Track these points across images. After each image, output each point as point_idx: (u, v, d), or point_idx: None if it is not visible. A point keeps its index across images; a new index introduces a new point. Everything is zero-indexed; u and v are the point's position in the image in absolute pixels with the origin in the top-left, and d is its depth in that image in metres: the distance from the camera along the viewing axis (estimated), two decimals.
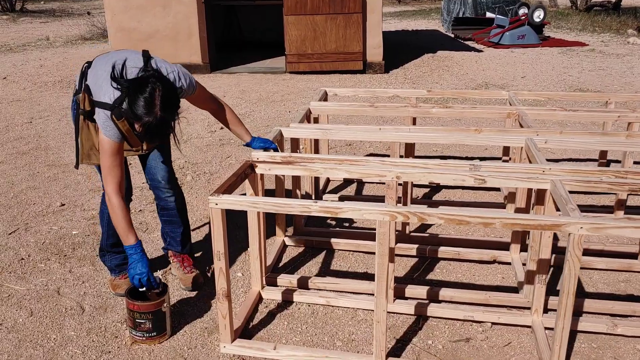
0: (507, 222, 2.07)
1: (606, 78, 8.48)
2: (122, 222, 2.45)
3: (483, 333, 2.67)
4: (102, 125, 2.39)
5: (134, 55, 2.50)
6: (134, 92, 2.22)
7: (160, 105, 2.22)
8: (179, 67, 2.55)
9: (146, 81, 2.24)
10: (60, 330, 2.66)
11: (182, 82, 2.52)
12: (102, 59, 2.55)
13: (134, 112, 2.23)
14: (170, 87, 2.30)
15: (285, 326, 2.71)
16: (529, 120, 3.33)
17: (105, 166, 2.44)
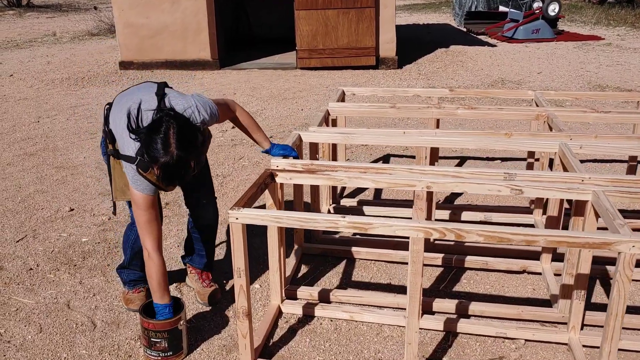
0: (552, 239, 1.92)
1: (625, 73, 8.27)
2: (159, 281, 2.37)
3: (517, 351, 2.52)
4: (132, 180, 2.28)
5: (148, 95, 2.36)
6: (149, 136, 2.10)
7: (176, 144, 2.07)
8: (196, 100, 2.37)
9: (160, 122, 2.10)
10: (71, 348, 2.52)
11: (203, 115, 2.35)
12: (120, 102, 2.43)
13: (150, 155, 2.10)
14: (186, 123, 2.15)
15: (307, 343, 2.57)
16: (560, 123, 3.16)
17: (141, 221, 2.32)
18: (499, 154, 4.97)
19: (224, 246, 3.44)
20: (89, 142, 5.49)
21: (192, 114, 2.30)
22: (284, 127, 5.88)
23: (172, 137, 2.06)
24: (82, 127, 5.97)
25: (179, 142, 2.07)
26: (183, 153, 2.08)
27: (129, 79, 8.38)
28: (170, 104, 2.30)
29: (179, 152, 2.07)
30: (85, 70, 9.10)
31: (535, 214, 3.60)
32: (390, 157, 5.00)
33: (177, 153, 2.07)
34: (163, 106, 2.27)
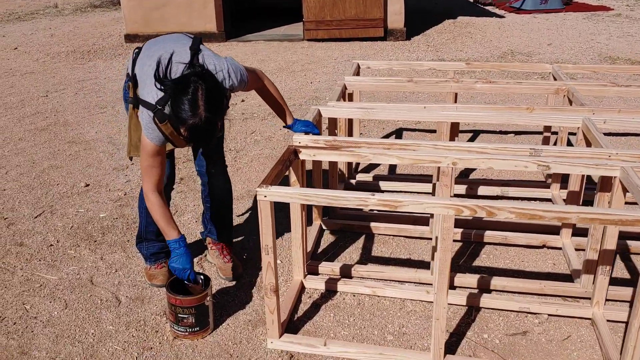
0: (585, 217, 1.91)
1: (636, 45, 8.18)
2: (162, 218, 2.37)
3: (540, 326, 2.54)
4: (145, 126, 2.25)
5: (182, 47, 2.31)
6: (176, 94, 2.06)
7: (204, 106, 2.03)
8: (229, 63, 2.34)
9: (187, 81, 2.06)
10: (97, 324, 2.54)
11: (233, 81, 2.32)
12: (151, 48, 2.38)
13: (177, 116, 2.06)
14: (215, 85, 2.12)
15: (331, 318, 2.59)
16: (582, 97, 3.13)
17: (144, 165, 2.33)
18: (511, 127, 4.94)
19: (244, 222, 3.45)
20: (99, 116, 5.46)
21: (223, 77, 2.28)
22: (293, 100, 5.83)
23: (200, 98, 2.03)
24: (92, 102, 5.93)
25: (207, 104, 2.03)
26: (211, 115, 2.05)
27: None
28: (204, 62, 2.25)
29: (207, 114, 2.04)
30: (90, 43, 9.01)
31: (552, 188, 3.59)
32: (403, 131, 4.98)
33: (206, 115, 2.03)
34: (196, 62, 2.22)
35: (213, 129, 2.10)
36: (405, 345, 2.42)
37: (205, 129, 2.07)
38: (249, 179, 4.03)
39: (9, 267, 2.99)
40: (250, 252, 3.11)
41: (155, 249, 2.81)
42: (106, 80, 6.81)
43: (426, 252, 3.11)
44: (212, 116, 2.06)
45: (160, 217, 2.36)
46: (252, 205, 3.65)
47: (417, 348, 2.41)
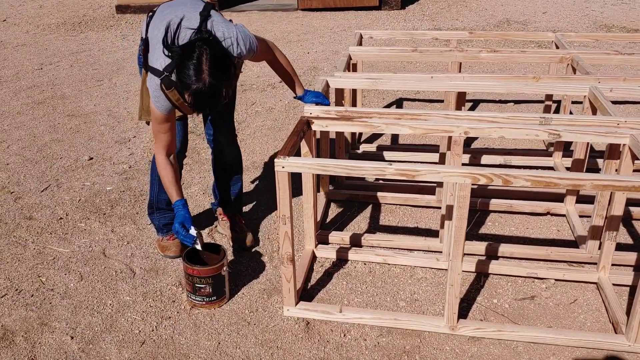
0: (599, 184, 1.96)
1: (630, 12, 8.18)
2: (165, 179, 2.42)
3: (547, 290, 2.61)
4: (152, 94, 2.27)
5: (192, 12, 2.29)
6: (182, 59, 2.05)
7: (208, 71, 2.02)
8: (238, 30, 2.31)
9: (192, 46, 2.04)
10: (115, 295, 2.58)
11: (241, 49, 2.30)
12: (163, 12, 2.37)
13: (181, 81, 2.06)
14: (221, 51, 2.09)
15: (344, 286, 2.64)
16: (587, 66, 3.16)
17: (153, 130, 2.38)
18: (511, 96, 4.96)
19: (251, 194, 3.47)
20: (96, 89, 5.41)
21: (231, 44, 2.26)
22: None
23: (204, 63, 2.01)
24: (88, 74, 5.87)
25: (211, 69, 2.02)
26: (215, 81, 2.03)
27: (127, 23, 8.19)
28: (212, 28, 2.24)
29: (212, 80, 2.02)
30: (80, 14, 8.86)
31: (555, 156, 3.64)
32: (403, 101, 4.99)
33: (210, 81, 2.02)
34: (204, 28, 2.21)
35: (218, 95, 2.08)
36: (418, 311, 2.49)
37: (209, 95, 2.05)
38: (252, 150, 4.05)
39: (20, 241, 3.01)
40: (259, 222, 3.14)
41: (167, 220, 2.83)
42: (100, 52, 6.73)
43: (432, 220, 3.16)
44: (217, 82, 2.04)
45: (165, 179, 2.41)
46: (258, 176, 3.68)
47: (429, 313, 2.47)
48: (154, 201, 2.81)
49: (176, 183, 2.42)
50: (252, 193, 3.47)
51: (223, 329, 2.38)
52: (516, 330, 2.29)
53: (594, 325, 2.39)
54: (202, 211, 3.26)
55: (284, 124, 4.49)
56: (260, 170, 3.75)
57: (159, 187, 2.71)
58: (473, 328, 2.31)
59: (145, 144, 4.16)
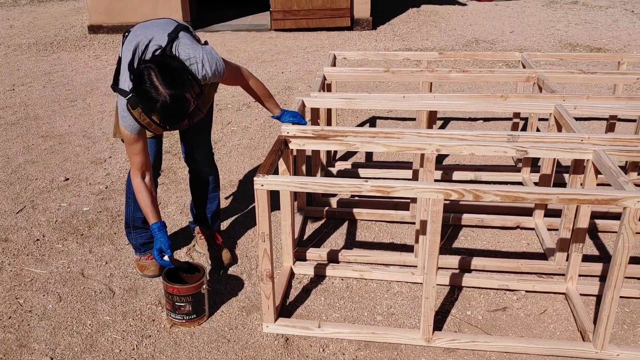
0: (565, 197, 2.06)
1: (594, 32, 8.49)
2: (142, 202, 2.46)
3: (518, 301, 2.69)
4: (120, 115, 2.32)
5: (161, 33, 2.33)
6: (135, 89, 2.08)
7: (163, 84, 2.02)
8: (205, 53, 2.32)
9: (140, 72, 2.05)
10: (94, 315, 2.59)
11: (206, 70, 2.31)
12: (135, 32, 2.41)
13: (145, 106, 2.08)
14: (163, 62, 2.09)
15: (322, 302, 2.69)
16: (552, 85, 3.30)
17: (127, 152, 2.43)
18: (480, 114, 5.11)
19: (229, 212, 3.51)
20: (70, 109, 5.41)
21: (194, 64, 2.27)
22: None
23: (156, 80, 2.02)
24: (61, 95, 5.86)
25: (165, 81, 2.02)
26: (174, 91, 2.03)
27: (100, 43, 8.19)
28: (177, 50, 2.27)
29: (170, 91, 2.02)
30: (52, 34, 8.83)
31: (523, 172, 3.76)
32: (376, 119, 5.10)
33: (169, 92, 2.02)
34: (169, 50, 2.25)
35: (183, 105, 2.08)
36: (394, 324, 2.55)
37: (175, 107, 2.05)
38: (229, 169, 4.09)
39: None
40: (237, 240, 3.18)
41: (144, 239, 2.86)
42: (73, 72, 6.72)
43: (407, 235, 3.23)
44: (176, 91, 2.03)
45: (141, 203, 2.44)
46: (235, 194, 3.72)
47: (405, 326, 2.53)
48: (129, 219, 2.83)
49: (152, 205, 2.44)
50: (229, 211, 3.51)
51: (203, 346, 2.40)
52: (489, 341, 2.37)
53: (563, 334, 2.48)
54: (180, 230, 3.28)
55: (260, 143, 4.54)
56: (236, 189, 3.79)
57: (134, 205, 2.74)
58: (448, 340, 2.37)
59: (122, 164, 4.17)
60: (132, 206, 2.77)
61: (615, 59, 3.97)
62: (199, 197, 2.95)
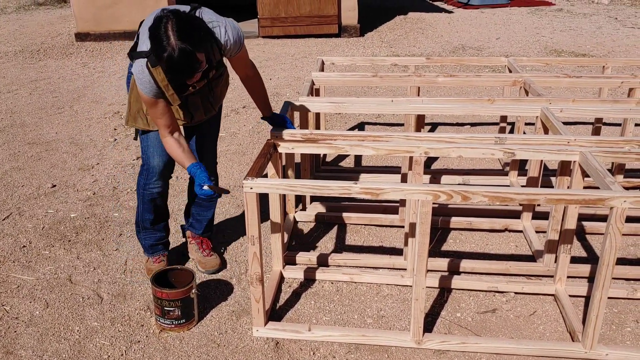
0: (553, 197, 2.07)
1: (578, 38, 8.58)
2: (175, 154, 2.42)
3: (507, 303, 2.70)
4: (138, 78, 2.26)
5: (183, 6, 2.30)
6: (152, 35, 2.06)
7: (176, 35, 1.99)
8: (228, 21, 2.33)
9: (159, 19, 2.04)
10: (82, 321, 2.56)
11: (228, 36, 2.30)
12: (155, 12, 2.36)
13: (156, 55, 2.07)
14: (189, 17, 2.09)
15: (312, 305, 2.68)
16: (538, 88, 3.33)
17: (151, 117, 2.41)
18: (468, 118, 5.14)
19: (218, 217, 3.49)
20: (57, 117, 5.37)
21: (217, 27, 2.26)
22: None
23: (170, 29, 2.00)
24: (48, 102, 5.82)
25: (179, 32, 2.00)
26: (185, 45, 2.00)
27: (87, 50, 8.16)
28: (201, 15, 2.26)
29: (180, 44, 2.00)
30: (38, 42, 8.78)
31: (510, 175, 3.79)
32: (365, 124, 5.11)
33: (179, 46, 2.00)
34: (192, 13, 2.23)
35: (190, 61, 2.04)
36: (385, 327, 2.55)
37: (180, 61, 2.02)
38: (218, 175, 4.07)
39: None
40: (227, 245, 3.17)
41: (152, 240, 2.85)
42: (60, 79, 6.68)
43: (396, 239, 3.24)
44: (187, 45, 2.01)
45: (175, 155, 2.41)
46: (224, 200, 3.70)
47: (395, 329, 2.53)
48: (139, 220, 2.83)
49: (185, 153, 2.40)
50: (218, 216, 3.49)
51: (193, 351, 2.39)
52: (479, 342, 2.37)
53: (552, 334, 2.49)
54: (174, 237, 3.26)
55: (248, 149, 4.54)
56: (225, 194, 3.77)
57: (144, 207, 2.76)
58: (438, 341, 2.38)
59: (109, 171, 4.15)
60: (142, 207, 2.78)
61: (600, 64, 4.02)
62: (198, 203, 2.93)
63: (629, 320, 2.57)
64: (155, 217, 2.81)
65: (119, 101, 5.76)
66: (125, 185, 3.92)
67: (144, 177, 2.69)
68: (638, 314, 2.61)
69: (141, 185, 2.72)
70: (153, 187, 2.70)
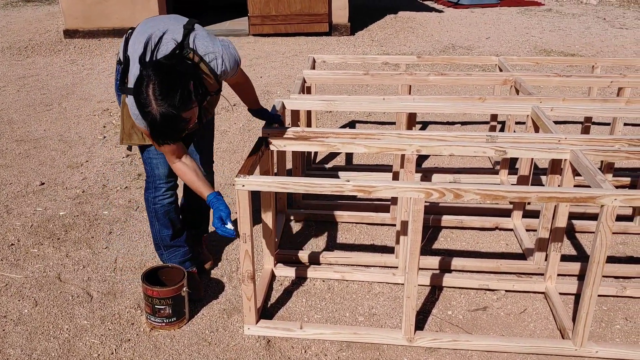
0: (544, 195, 2.08)
1: (567, 38, 8.63)
2: (189, 181, 2.30)
3: (498, 301, 2.71)
4: (134, 113, 2.16)
5: (176, 25, 2.20)
6: (134, 94, 1.95)
7: (158, 99, 1.88)
8: (223, 47, 2.20)
9: (140, 80, 1.93)
10: (71, 319, 2.54)
11: (225, 66, 2.20)
12: (146, 24, 2.27)
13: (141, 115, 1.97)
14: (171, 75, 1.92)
15: (303, 303, 2.68)
16: (529, 87, 3.34)
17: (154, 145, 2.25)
18: (459, 117, 5.15)
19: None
20: (45, 114, 5.32)
21: (214, 59, 2.16)
22: None
23: (151, 94, 1.89)
24: (36, 99, 5.77)
25: (160, 95, 1.88)
26: (165, 108, 1.88)
27: (76, 47, 8.09)
28: (195, 44, 2.15)
29: (161, 108, 1.88)
30: (26, 39, 8.70)
31: (501, 174, 3.80)
32: (356, 123, 5.11)
33: (160, 109, 1.89)
34: (187, 43, 2.13)
35: (174, 124, 1.94)
36: (376, 325, 2.55)
37: (164, 126, 1.92)
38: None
39: None
40: (218, 243, 3.15)
41: (179, 257, 2.70)
42: (49, 76, 6.62)
43: (388, 237, 3.24)
44: (170, 110, 1.89)
45: (189, 181, 2.30)
46: None
47: (387, 327, 2.53)
48: (158, 239, 2.68)
49: (200, 180, 2.28)
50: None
51: (184, 349, 2.37)
52: (470, 340, 2.38)
53: (543, 332, 2.50)
54: None
55: (239, 147, 4.52)
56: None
57: (160, 225, 2.62)
58: (429, 339, 2.38)
59: (99, 168, 4.11)
60: (157, 225, 2.63)
61: (589, 63, 4.04)
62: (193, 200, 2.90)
63: (619, 317, 2.59)
64: (174, 231, 2.66)
65: (108, 98, 5.72)
66: (114, 183, 3.89)
67: (152, 191, 2.56)
68: (627, 312, 2.62)
69: (150, 200, 2.58)
70: (164, 199, 2.57)
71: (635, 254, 3.08)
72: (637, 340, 2.45)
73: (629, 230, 3.24)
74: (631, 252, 3.09)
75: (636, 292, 2.68)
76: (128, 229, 3.29)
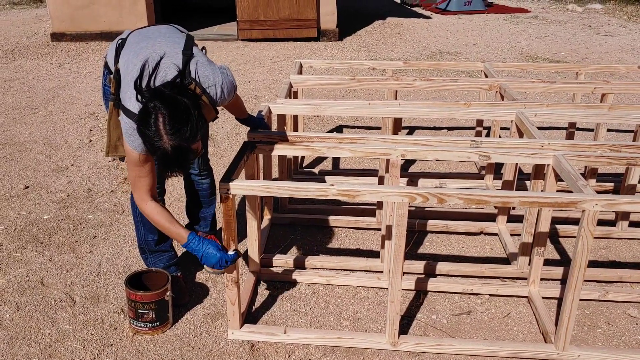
0: (526, 200, 2.10)
1: (553, 45, 8.72)
2: (162, 223, 2.22)
3: (482, 305, 2.73)
4: (126, 134, 2.11)
5: (174, 48, 2.13)
6: (140, 126, 1.91)
7: (169, 133, 1.85)
8: (223, 77, 2.16)
9: (148, 112, 1.87)
10: (53, 324, 2.52)
11: (224, 96, 2.17)
12: (139, 43, 2.19)
13: (148, 148, 1.95)
14: (178, 108, 1.87)
15: (288, 308, 2.67)
16: (514, 93, 3.37)
17: (131, 175, 2.20)
18: (445, 123, 5.18)
19: None
20: (31, 117, 5.29)
21: (212, 86, 2.12)
22: None
23: (161, 127, 1.85)
24: (22, 102, 5.73)
25: (171, 130, 1.85)
26: (177, 141, 1.86)
27: (63, 51, 8.05)
28: (197, 74, 2.10)
29: (172, 141, 1.86)
30: (13, 42, 8.64)
31: (486, 179, 3.83)
32: (343, 128, 5.12)
33: (171, 143, 1.86)
34: (188, 72, 2.08)
35: (184, 156, 1.93)
36: (360, 329, 2.55)
37: (175, 158, 1.91)
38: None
39: None
40: None
41: (164, 262, 2.71)
42: (35, 80, 6.58)
43: (373, 241, 3.25)
44: (181, 142, 1.88)
45: (162, 224, 2.23)
46: None
47: (371, 331, 2.54)
48: (143, 244, 2.68)
49: (173, 223, 2.22)
50: None
51: (167, 354, 2.36)
52: (454, 344, 2.39)
53: (526, 336, 2.51)
54: None
55: (226, 151, 4.52)
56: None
57: (145, 228, 2.61)
58: (413, 343, 2.38)
59: (84, 172, 4.09)
60: (143, 230, 2.62)
61: (574, 70, 4.08)
62: (196, 201, 2.92)
63: (601, 321, 2.61)
64: (159, 236, 2.65)
65: (94, 102, 5.69)
66: (100, 186, 3.87)
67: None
68: (609, 316, 2.65)
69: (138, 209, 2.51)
70: None
71: (617, 258, 3.11)
72: (618, 344, 2.47)
73: (612, 235, 3.27)
74: (614, 257, 3.12)
75: (618, 296, 2.70)
76: (113, 233, 3.27)
